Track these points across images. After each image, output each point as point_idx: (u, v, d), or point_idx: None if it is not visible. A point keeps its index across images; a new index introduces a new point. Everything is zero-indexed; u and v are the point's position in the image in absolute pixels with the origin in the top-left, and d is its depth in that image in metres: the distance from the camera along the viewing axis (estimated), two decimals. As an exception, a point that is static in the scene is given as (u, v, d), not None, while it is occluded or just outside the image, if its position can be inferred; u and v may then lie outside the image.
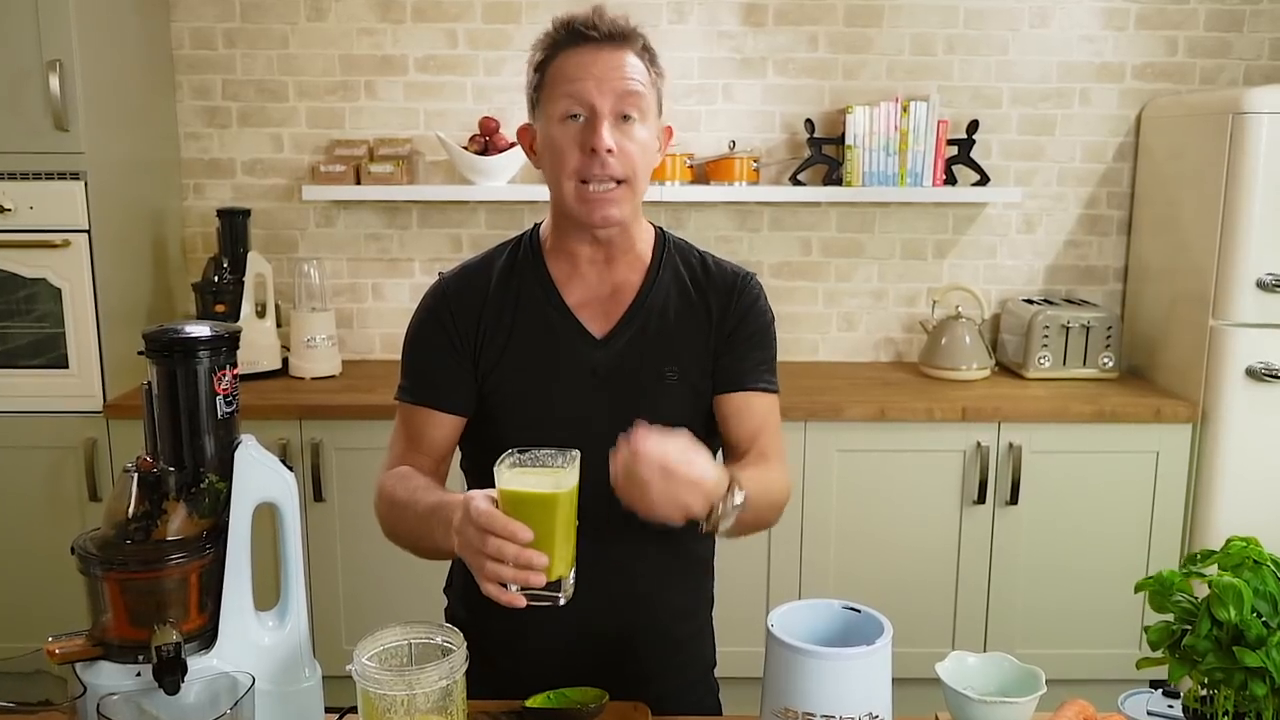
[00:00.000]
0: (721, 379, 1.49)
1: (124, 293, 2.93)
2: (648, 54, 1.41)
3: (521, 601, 1.15)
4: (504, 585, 1.14)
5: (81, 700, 1.05)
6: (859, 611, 1.17)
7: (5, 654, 1.08)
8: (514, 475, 1.17)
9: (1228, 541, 1.13)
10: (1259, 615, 1.06)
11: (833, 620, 1.18)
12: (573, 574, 1.20)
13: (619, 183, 1.38)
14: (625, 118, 1.37)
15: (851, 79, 3.24)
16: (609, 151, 1.35)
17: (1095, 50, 3.24)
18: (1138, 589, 1.15)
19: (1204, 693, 1.12)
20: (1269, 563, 1.10)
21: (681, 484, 1.17)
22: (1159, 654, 1.13)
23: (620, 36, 1.38)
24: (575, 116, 1.37)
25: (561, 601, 1.18)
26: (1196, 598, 1.12)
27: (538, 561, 1.13)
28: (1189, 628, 1.10)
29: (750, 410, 1.49)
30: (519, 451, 1.20)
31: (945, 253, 3.35)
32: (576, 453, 1.20)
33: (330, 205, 3.29)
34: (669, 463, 1.16)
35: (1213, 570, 1.12)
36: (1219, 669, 1.06)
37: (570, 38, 1.38)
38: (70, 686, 1.07)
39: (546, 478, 1.17)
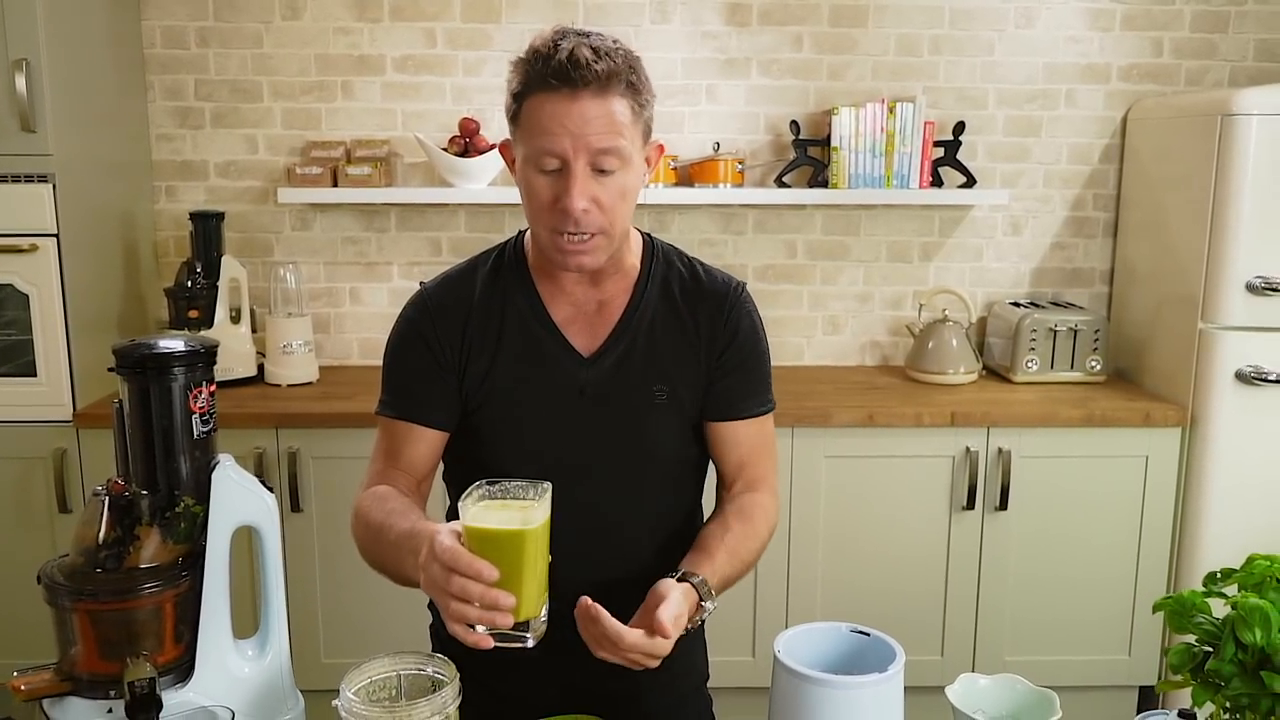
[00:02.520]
0: (712, 407, 1.45)
1: (94, 298, 2.86)
2: (633, 90, 1.30)
3: (488, 643, 1.10)
4: (471, 626, 1.10)
5: (49, 739, 0.99)
6: (868, 635, 1.12)
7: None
8: (480, 511, 1.12)
9: (1249, 560, 1.09)
10: (1285, 638, 1.03)
11: (841, 643, 1.14)
12: (544, 612, 1.15)
13: (595, 234, 1.32)
14: (602, 171, 1.29)
15: (837, 80, 3.21)
16: (583, 210, 1.29)
17: (1081, 51, 3.22)
18: (1156, 609, 1.11)
19: (1227, 717, 1.08)
20: (1294, 583, 1.06)
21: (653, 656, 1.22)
22: (1179, 677, 1.09)
23: (600, 82, 1.26)
24: (550, 169, 1.30)
25: (530, 643, 1.13)
26: (1217, 618, 1.08)
27: (504, 602, 1.08)
28: (1211, 650, 1.06)
29: (739, 439, 1.46)
30: (488, 483, 1.15)
31: (931, 255, 3.32)
32: (548, 485, 1.14)
33: (306, 208, 3.22)
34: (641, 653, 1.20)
35: (1234, 590, 1.09)
36: (1245, 694, 1.02)
37: (546, 79, 1.26)
38: (37, 724, 1.01)
39: (514, 513, 1.12)
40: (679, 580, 1.27)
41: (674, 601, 1.21)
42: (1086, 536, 2.86)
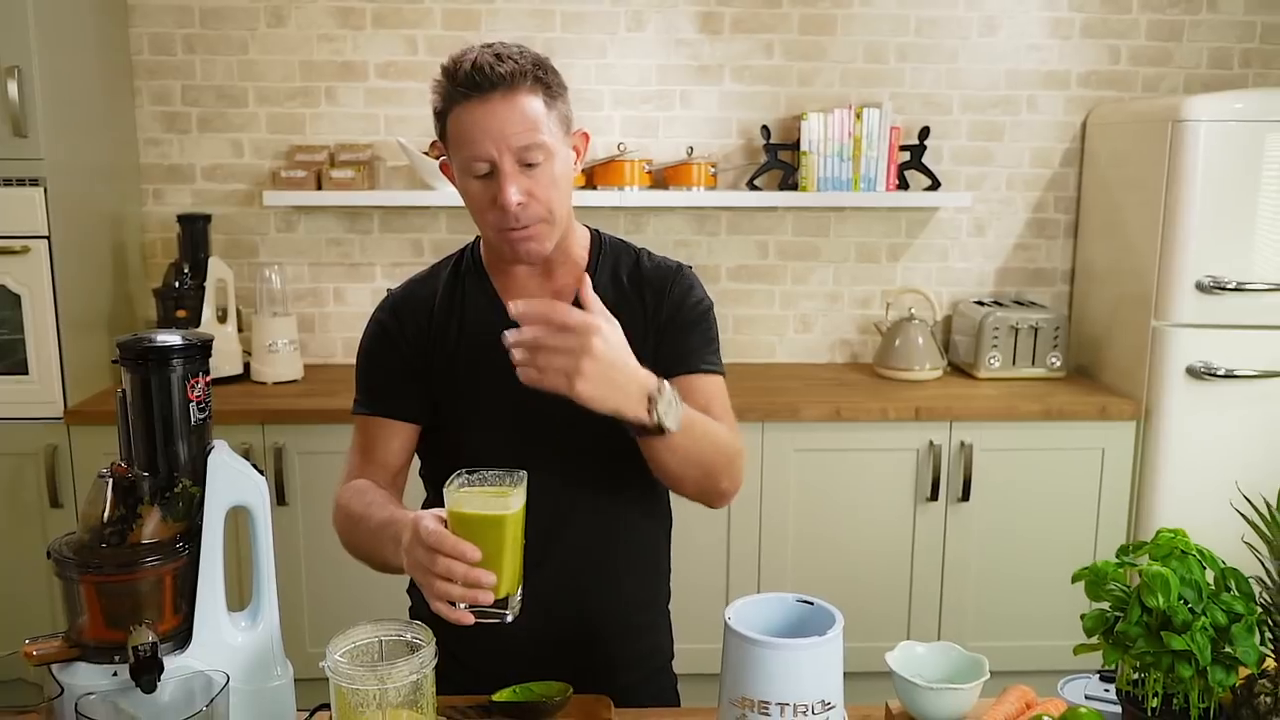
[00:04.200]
0: (663, 366, 1.47)
1: (84, 298, 2.93)
2: (541, 84, 1.39)
3: (469, 619, 1.19)
4: (452, 604, 1.18)
5: (59, 700, 1.07)
6: (812, 604, 1.22)
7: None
8: (463, 496, 1.21)
9: (1158, 533, 1.19)
10: (1185, 602, 1.13)
11: (787, 613, 1.23)
12: (520, 591, 1.24)
13: (537, 223, 1.41)
14: (529, 165, 1.38)
15: (806, 86, 3.31)
16: (519, 204, 1.38)
17: (1041, 59, 3.33)
18: (1074, 579, 1.21)
19: (1136, 676, 1.18)
20: (1195, 553, 1.16)
21: (616, 368, 1.23)
22: (1094, 640, 1.19)
23: (506, 83, 1.35)
24: (481, 173, 1.38)
25: (509, 618, 1.22)
26: (1130, 587, 1.19)
27: (486, 580, 1.17)
28: (1121, 615, 1.16)
29: (694, 392, 1.49)
30: (468, 472, 1.24)
31: (898, 256, 3.42)
32: (524, 474, 1.24)
33: (291, 210, 3.30)
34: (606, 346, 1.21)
35: (1144, 560, 1.19)
36: (1149, 653, 1.12)
37: (460, 91, 1.36)
38: (47, 688, 1.09)
39: (494, 499, 1.21)
40: None
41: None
42: (1046, 525, 2.97)
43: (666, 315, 1.53)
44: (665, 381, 1.30)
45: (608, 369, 1.23)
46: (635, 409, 1.26)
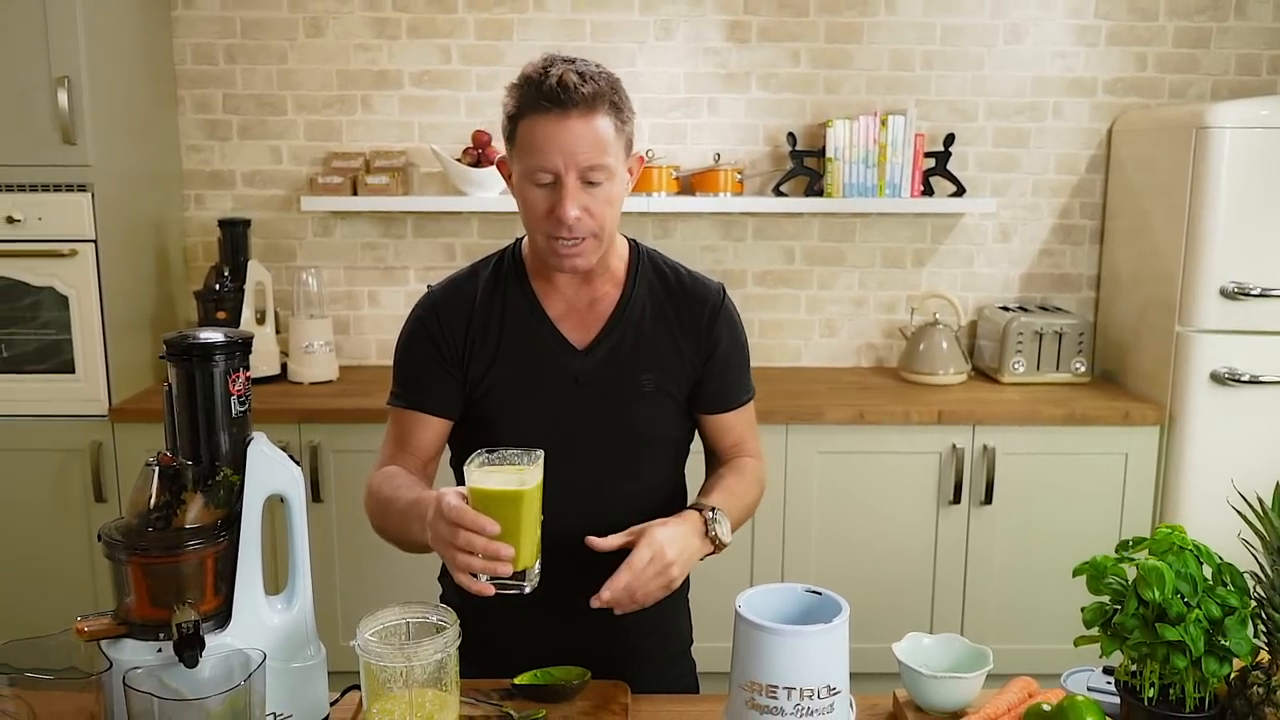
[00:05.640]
0: (706, 402, 1.63)
1: (129, 300, 3.03)
2: (615, 109, 1.44)
3: (490, 590, 1.26)
4: (474, 576, 1.26)
5: (108, 674, 1.14)
6: (820, 594, 1.27)
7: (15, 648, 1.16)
8: (482, 474, 1.28)
9: (1156, 530, 1.23)
10: (1180, 595, 1.17)
11: (797, 602, 1.28)
12: (538, 564, 1.31)
13: (586, 238, 1.47)
14: (591, 184, 1.44)
15: (832, 93, 3.35)
16: (575, 218, 1.43)
17: (1067, 65, 3.36)
18: (1075, 573, 1.26)
19: (1134, 667, 1.22)
20: (1191, 548, 1.20)
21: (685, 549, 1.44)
22: (1093, 631, 1.23)
23: (587, 103, 1.40)
24: (543, 183, 1.44)
25: (527, 589, 1.29)
26: (1128, 580, 1.23)
27: (505, 553, 1.24)
28: (1119, 607, 1.20)
29: (731, 426, 1.66)
30: (487, 451, 1.31)
31: (924, 261, 3.46)
32: (540, 452, 1.31)
33: (328, 215, 3.39)
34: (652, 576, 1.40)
35: (1143, 555, 1.23)
36: (1144, 644, 1.16)
37: (539, 102, 1.40)
38: (97, 662, 1.16)
39: (512, 476, 1.28)
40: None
41: (670, 523, 1.44)
42: (1068, 530, 2.98)
43: (709, 350, 1.61)
44: (710, 510, 1.49)
45: (682, 558, 1.42)
46: (702, 553, 1.48)
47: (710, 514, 1.47)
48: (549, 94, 1.40)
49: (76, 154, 2.79)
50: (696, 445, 1.70)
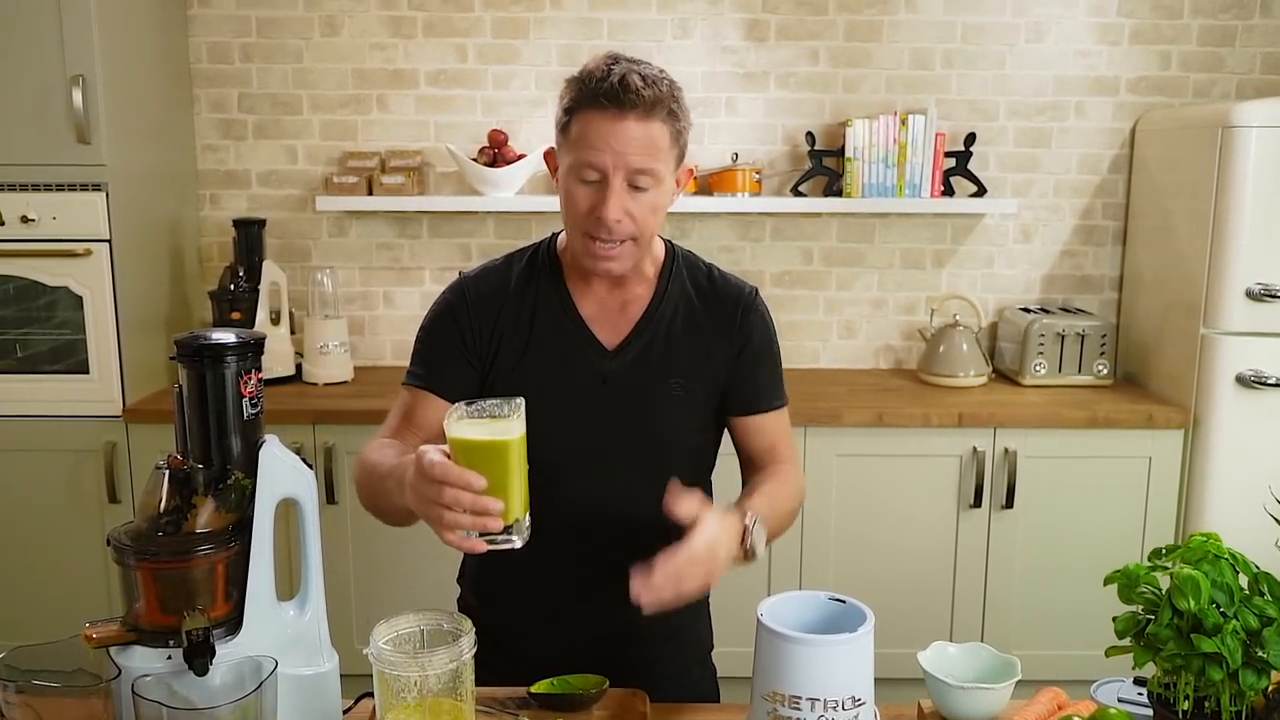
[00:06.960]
0: (736, 403, 1.59)
1: (143, 300, 3.02)
2: (673, 117, 1.43)
3: (482, 546, 1.20)
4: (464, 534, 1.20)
5: (116, 682, 1.12)
6: (844, 602, 1.24)
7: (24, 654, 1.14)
8: (464, 426, 1.20)
9: (1190, 537, 1.19)
10: (1216, 605, 1.13)
11: (820, 610, 1.25)
12: (528, 517, 1.24)
13: (625, 241, 1.45)
14: (637, 188, 1.42)
15: (851, 93, 3.32)
16: (616, 220, 1.41)
17: (1090, 64, 3.31)
18: (1106, 582, 1.22)
19: (1167, 679, 1.18)
20: (1227, 556, 1.16)
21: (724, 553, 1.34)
22: (1125, 642, 1.20)
23: (646, 107, 1.38)
24: (590, 180, 1.42)
25: (518, 543, 1.22)
26: (1161, 590, 1.19)
27: (493, 507, 1.18)
28: (1153, 618, 1.17)
29: (764, 429, 1.61)
30: (467, 403, 1.24)
31: (944, 262, 3.42)
32: (521, 400, 1.24)
33: (343, 215, 3.37)
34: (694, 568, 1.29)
35: (1177, 564, 1.19)
36: (1179, 655, 1.13)
37: (598, 98, 1.38)
38: (106, 669, 1.14)
39: (497, 426, 1.21)
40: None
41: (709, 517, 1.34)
42: (1091, 534, 2.94)
43: (740, 347, 1.58)
44: (751, 518, 1.40)
45: (725, 559, 1.34)
46: (733, 561, 1.38)
47: (750, 521, 1.40)
48: (609, 92, 1.38)
49: (91, 153, 2.78)
50: (728, 450, 1.67)
